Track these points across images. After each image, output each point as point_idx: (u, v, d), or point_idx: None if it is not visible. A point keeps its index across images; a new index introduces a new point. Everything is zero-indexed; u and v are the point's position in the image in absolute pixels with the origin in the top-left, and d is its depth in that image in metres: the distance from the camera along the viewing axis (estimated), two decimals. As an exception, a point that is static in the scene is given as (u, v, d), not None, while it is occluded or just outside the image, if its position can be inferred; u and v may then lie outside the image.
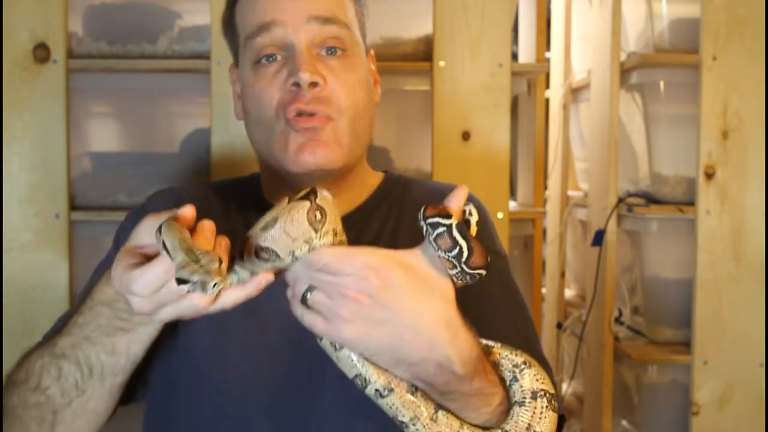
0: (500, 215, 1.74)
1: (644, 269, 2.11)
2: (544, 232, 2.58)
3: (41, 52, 1.67)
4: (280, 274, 0.79)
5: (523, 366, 0.85)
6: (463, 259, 0.77)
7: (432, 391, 0.83)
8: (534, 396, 0.84)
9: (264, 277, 0.77)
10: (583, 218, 2.44)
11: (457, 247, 0.76)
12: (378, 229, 1.07)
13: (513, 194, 2.31)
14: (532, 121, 2.32)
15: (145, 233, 0.78)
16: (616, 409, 2.09)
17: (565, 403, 2.47)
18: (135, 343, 0.89)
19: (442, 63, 1.75)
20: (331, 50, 1.03)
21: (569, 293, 2.72)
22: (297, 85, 0.99)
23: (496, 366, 0.86)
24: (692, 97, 1.94)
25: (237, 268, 0.78)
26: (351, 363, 0.82)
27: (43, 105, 1.68)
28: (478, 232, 0.86)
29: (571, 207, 2.54)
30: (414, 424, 0.82)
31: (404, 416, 0.81)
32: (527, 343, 0.99)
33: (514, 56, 2.19)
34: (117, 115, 1.93)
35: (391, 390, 0.82)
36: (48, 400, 0.91)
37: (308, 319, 0.79)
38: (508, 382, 0.86)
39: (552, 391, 0.85)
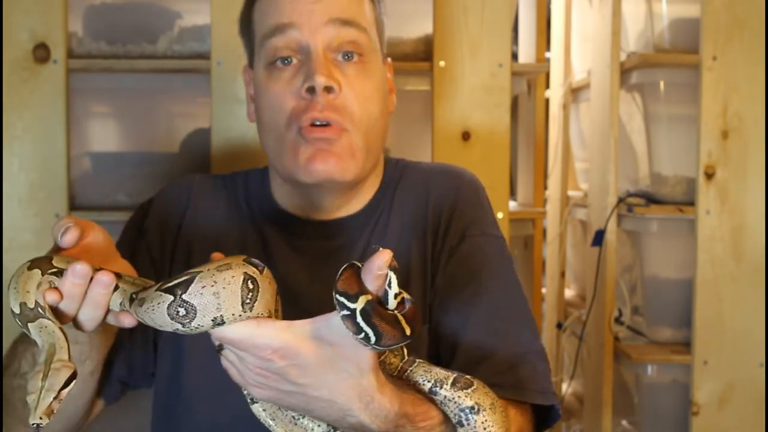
0: (500, 215, 1.74)
1: (644, 269, 2.11)
2: (544, 232, 2.58)
3: (41, 52, 1.67)
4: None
5: (469, 412, 0.82)
6: (372, 342, 0.71)
7: None
8: None
9: (125, 319, 0.79)
10: (583, 218, 2.44)
11: (363, 333, 0.71)
12: (372, 226, 1.08)
13: (513, 194, 2.31)
14: (532, 121, 2.32)
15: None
16: (616, 409, 2.08)
17: (565, 403, 2.47)
18: (95, 334, 0.89)
19: (442, 63, 1.75)
20: (348, 55, 1.01)
21: (569, 293, 2.72)
22: (311, 90, 0.98)
23: (440, 406, 0.83)
24: (692, 97, 1.94)
25: (120, 295, 0.79)
26: (262, 419, 0.83)
27: (43, 105, 1.68)
28: (472, 206, 0.84)
29: (571, 207, 2.54)
30: None
31: None
32: (513, 332, 0.99)
33: (514, 56, 2.19)
34: (117, 115, 1.93)
35: None
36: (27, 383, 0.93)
37: (224, 364, 0.79)
38: (454, 424, 0.83)
39: None
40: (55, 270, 0.78)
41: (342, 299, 0.72)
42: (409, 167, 1.14)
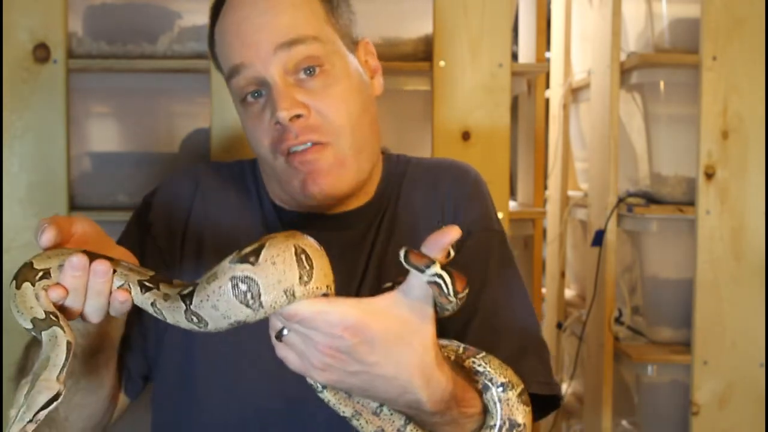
0: (500, 215, 1.74)
1: (644, 269, 2.11)
2: (544, 232, 2.58)
3: (41, 52, 1.67)
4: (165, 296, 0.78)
5: (503, 387, 0.86)
6: (446, 291, 0.75)
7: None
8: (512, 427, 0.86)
9: (118, 296, 0.78)
10: (583, 218, 2.44)
11: (444, 285, 0.75)
12: (379, 220, 1.08)
13: (513, 194, 2.31)
14: (532, 121, 2.32)
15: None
16: (616, 409, 2.08)
17: (565, 403, 2.47)
18: (105, 323, 0.89)
19: (442, 63, 1.75)
20: (309, 70, 1.00)
21: (569, 293, 2.72)
22: (280, 123, 0.99)
23: (472, 377, 0.87)
24: (692, 97, 1.94)
25: (120, 279, 0.79)
26: (315, 388, 0.84)
27: (43, 105, 1.68)
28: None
29: (571, 207, 2.54)
30: None
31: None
32: (516, 325, 1.02)
33: (514, 56, 2.19)
34: (117, 115, 1.93)
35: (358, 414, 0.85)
36: None
37: (281, 353, 0.78)
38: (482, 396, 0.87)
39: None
40: (41, 273, 0.77)
41: (418, 264, 0.74)
42: (413, 162, 1.14)
